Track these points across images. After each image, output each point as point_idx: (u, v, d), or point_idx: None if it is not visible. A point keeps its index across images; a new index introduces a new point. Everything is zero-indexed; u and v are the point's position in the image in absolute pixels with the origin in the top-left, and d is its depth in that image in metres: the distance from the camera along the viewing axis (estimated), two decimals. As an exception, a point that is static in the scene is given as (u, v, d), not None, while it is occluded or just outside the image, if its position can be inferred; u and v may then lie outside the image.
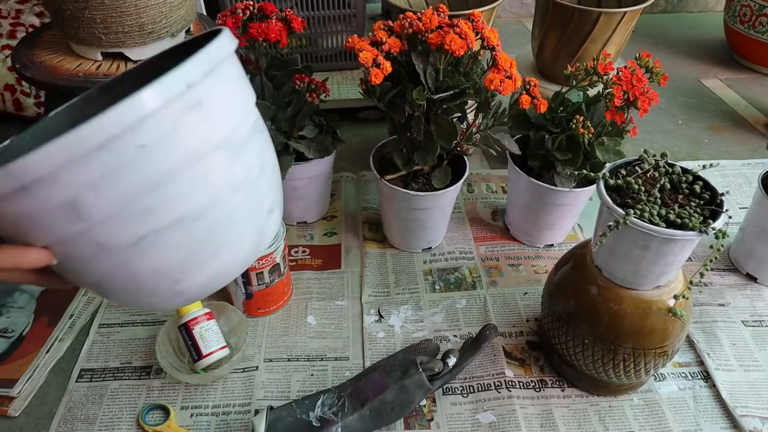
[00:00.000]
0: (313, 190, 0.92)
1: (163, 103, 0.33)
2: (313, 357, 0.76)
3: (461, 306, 0.83)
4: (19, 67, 0.83)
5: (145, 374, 0.74)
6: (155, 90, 0.33)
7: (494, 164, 1.13)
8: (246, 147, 0.40)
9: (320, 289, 0.86)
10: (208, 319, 0.72)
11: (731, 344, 0.77)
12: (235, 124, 0.39)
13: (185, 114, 0.35)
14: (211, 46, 0.36)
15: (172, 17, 0.84)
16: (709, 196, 0.59)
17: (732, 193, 1.05)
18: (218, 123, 0.37)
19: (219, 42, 0.37)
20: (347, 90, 1.21)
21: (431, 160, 0.78)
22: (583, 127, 0.73)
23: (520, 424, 0.67)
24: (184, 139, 0.35)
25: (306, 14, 1.16)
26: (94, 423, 0.68)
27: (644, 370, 0.65)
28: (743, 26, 1.41)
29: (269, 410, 0.64)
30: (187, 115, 0.35)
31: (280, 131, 0.82)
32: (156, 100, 0.33)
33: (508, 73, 0.69)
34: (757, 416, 0.68)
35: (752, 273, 0.86)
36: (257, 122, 0.43)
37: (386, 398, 0.65)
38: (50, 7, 0.81)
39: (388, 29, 0.74)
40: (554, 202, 0.84)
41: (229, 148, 0.38)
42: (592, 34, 0.96)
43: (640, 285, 0.61)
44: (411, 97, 0.70)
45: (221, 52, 0.37)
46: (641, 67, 0.73)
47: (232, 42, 0.40)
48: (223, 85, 0.38)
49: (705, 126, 1.26)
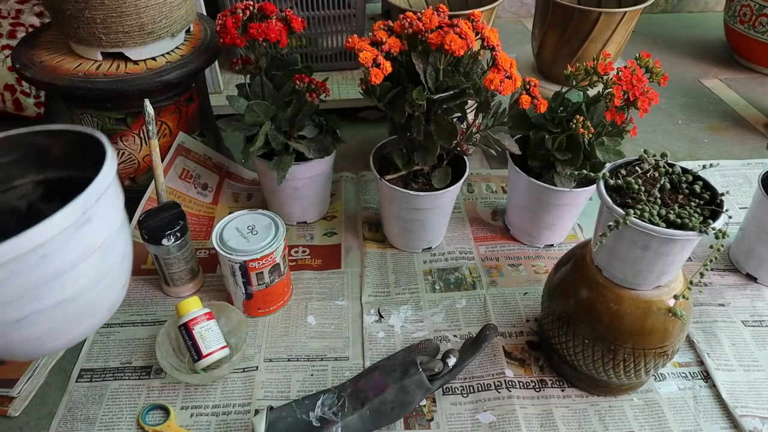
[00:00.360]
0: (313, 190, 0.92)
1: (65, 226, 0.44)
2: (313, 357, 0.76)
3: (461, 306, 0.83)
4: (19, 67, 0.83)
5: (145, 374, 0.74)
6: (62, 215, 0.44)
7: (494, 164, 1.13)
8: (116, 243, 0.52)
9: (320, 289, 0.86)
10: (208, 319, 0.72)
11: (731, 344, 0.77)
12: (111, 227, 0.51)
13: (79, 229, 0.46)
14: (105, 170, 0.49)
15: (172, 17, 0.84)
16: (709, 196, 0.59)
17: (732, 193, 1.05)
18: (101, 230, 0.49)
19: (110, 165, 0.49)
20: (347, 90, 1.21)
21: (431, 160, 0.78)
22: (583, 127, 0.73)
23: (520, 424, 0.67)
24: (76, 247, 0.46)
25: (306, 14, 1.16)
26: (94, 423, 0.68)
27: (644, 370, 0.65)
28: (743, 26, 1.41)
29: (269, 410, 0.64)
30: (80, 230, 0.46)
31: (280, 131, 0.82)
32: (61, 224, 0.44)
33: (508, 73, 0.69)
34: (757, 416, 0.68)
35: (752, 273, 0.86)
36: (124, 219, 0.54)
37: (386, 398, 0.65)
38: (50, 7, 0.81)
39: (388, 29, 0.74)
40: (554, 202, 0.84)
41: (105, 247, 0.50)
42: (592, 34, 0.96)
43: (640, 285, 0.61)
44: (411, 97, 0.70)
45: (111, 174, 0.49)
46: (641, 67, 0.73)
47: (115, 159, 0.52)
48: (108, 199, 0.50)
49: (705, 126, 1.26)
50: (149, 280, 0.86)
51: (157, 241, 0.76)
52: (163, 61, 0.85)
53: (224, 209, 1.00)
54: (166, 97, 0.88)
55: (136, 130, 0.88)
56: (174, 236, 0.77)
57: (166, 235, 0.76)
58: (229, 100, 0.83)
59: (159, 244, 0.76)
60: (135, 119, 0.87)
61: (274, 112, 0.82)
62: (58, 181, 0.61)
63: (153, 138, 0.78)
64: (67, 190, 0.56)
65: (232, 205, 1.01)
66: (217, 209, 1.00)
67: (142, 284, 0.86)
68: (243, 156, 0.83)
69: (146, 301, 0.83)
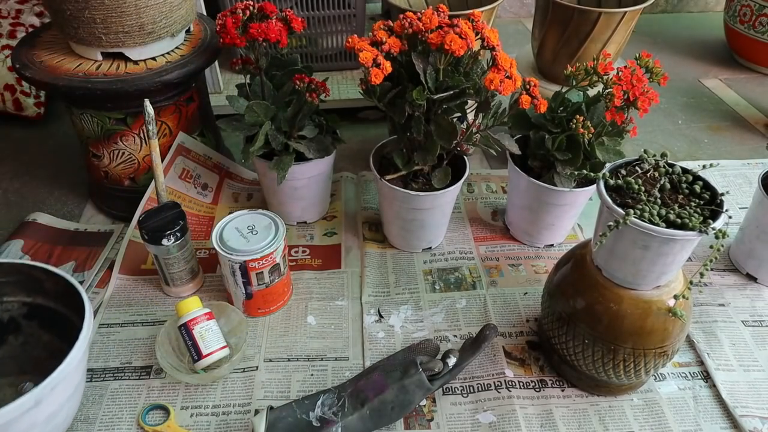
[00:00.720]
0: (313, 190, 0.92)
1: (19, 414, 0.52)
2: (313, 357, 0.76)
3: (461, 306, 0.83)
4: (19, 67, 0.83)
5: (145, 374, 0.74)
6: (13, 407, 0.51)
7: (494, 164, 1.13)
8: (59, 413, 0.58)
9: (320, 289, 0.86)
10: (208, 319, 0.72)
11: (731, 344, 0.77)
12: (58, 406, 0.57)
13: (27, 412, 0.52)
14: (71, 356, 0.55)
15: (172, 17, 0.84)
16: (709, 196, 0.59)
17: (732, 193, 1.05)
18: (46, 409, 0.55)
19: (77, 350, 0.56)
20: (347, 90, 1.21)
21: (431, 160, 0.78)
22: (583, 127, 0.73)
23: (520, 424, 0.67)
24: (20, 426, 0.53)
25: (306, 14, 1.16)
26: (94, 423, 0.68)
27: (644, 370, 0.65)
28: (743, 26, 1.41)
29: (269, 410, 0.64)
30: (29, 413, 0.53)
31: (280, 131, 0.82)
32: (9, 415, 0.51)
33: (508, 73, 0.69)
34: (757, 416, 0.68)
35: (752, 273, 0.86)
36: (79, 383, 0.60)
37: (386, 398, 0.65)
38: (50, 7, 0.81)
39: (388, 29, 0.74)
40: (554, 202, 0.84)
41: (47, 421, 0.56)
42: (592, 34, 0.96)
43: (640, 285, 0.61)
44: (411, 97, 0.70)
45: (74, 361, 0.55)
46: (641, 67, 0.73)
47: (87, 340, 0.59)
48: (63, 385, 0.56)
49: (705, 126, 1.26)
50: (149, 280, 0.86)
51: (157, 241, 0.76)
52: (163, 61, 0.85)
53: (224, 209, 1.00)
54: (166, 97, 0.88)
55: (136, 130, 0.88)
56: (174, 236, 0.77)
57: (166, 235, 0.76)
58: (229, 100, 0.83)
59: (159, 244, 0.76)
60: (135, 119, 0.87)
61: (274, 112, 0.82)
62: (43, 307, 0.68)
63: (153, 138, 0.78)
64: (50, 315, 0.68)
65: (232, 205, 1.01)
66: (217, 209, 1.00)
67: (142, 284, 0.86)
68: (243, 156, 0.83)
69: (146, 301, 0.83)
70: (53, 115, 1.26)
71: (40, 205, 1.02)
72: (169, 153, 0.93)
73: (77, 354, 0.57)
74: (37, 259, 0.88)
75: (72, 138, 1.03)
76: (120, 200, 0.96)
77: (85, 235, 0.95)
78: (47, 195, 1.05)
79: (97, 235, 0.95)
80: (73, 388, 0.59)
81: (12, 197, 1.05)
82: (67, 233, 0.95)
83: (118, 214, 0.97)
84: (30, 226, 0.94)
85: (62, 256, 0.90)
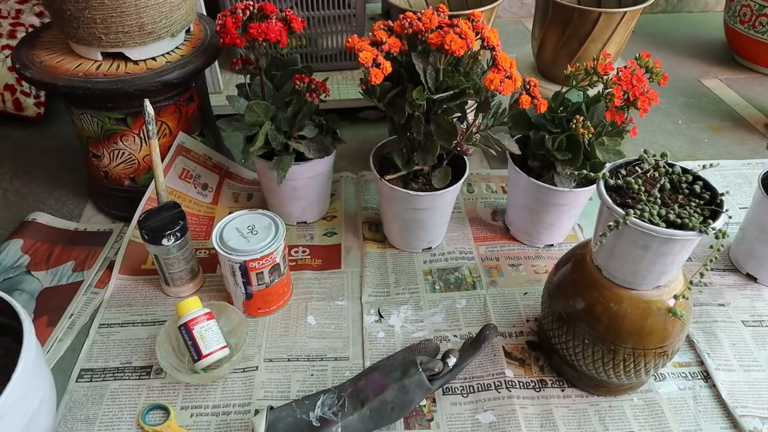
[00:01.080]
0: (313, 190, 0.92)
1: None
2: (313, 357, 0.76)
3: (461, 306, 0.83)
4: (19, 67, 0.83)
5: (145, 374, 0.74)
6: None
7: (494, 164, 1.13)
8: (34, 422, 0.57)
9: (320, 289, 0.86)
10: (208, 319, 0.72)
11: (731, 344, 0.77)
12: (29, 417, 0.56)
13: None
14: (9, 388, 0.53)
15: (172, 17, 0.84)
16: (709, 196, 0.59)
17: (732, 193, 1.05)
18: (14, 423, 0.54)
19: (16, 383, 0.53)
20: (347, 90, 1.21)
21: (431, 160, 0.78)
22: (583, 127, 0.73)
23: (520, 424, 0.67)
24: None
25: (306, 14, 1.16)
26: (94, 423, 0.68)
27: (644, 370, 0.65)
28: (743, 26, 1.41)
29: (269, 410, 0.64)
30: None
31: (280, 131, 0.82)
32: None
33: (508, 73, 0.69)
34: (757, 416, 0.68)
35: (752, 273, 0.86)
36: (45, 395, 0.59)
37: (386, 398, 0.65)
38: (50, 7, 0.81)
39: (388, 29, 0.74)
40: (554, 202, 0.84)
41: None
42: (592, 34, 0.96)
43: (640, 285, 0.61)
44: (411, 97, 0.70)
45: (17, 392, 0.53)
46: (641, 67, 0.73)
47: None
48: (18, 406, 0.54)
49: (705, 126, 1.26)
50: (149, 280, 0.86)
51: (157, 241, 0.76)
52: (163, 61, 0.85)
53: (224, 209, 1.00)
54: (166, 97, 0.88)
55: (136, 130, 0.88)
56: (174, 236, 0.77)
57: (166, 235, 0.76)
58: (229, 100, 0.83)
59: (159, 244, 0.76)
60: (135, 119, 0.87)
61: (274, 112, 0.82)
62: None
63: (153, 138, 0.78)
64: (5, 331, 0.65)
65: (232, 205, 1.01)
66: (217, 209, 1.00)
67: (142, 284, 0.86)
68: (243, 156, 0.83)
69: (146, 301, 0.83)
70: (53, 115, 1.26)
71: (40, 204, 1.02)
72: (169, 153, 0.93)
73: (21, 377, 0.54)
74: (37, 258, 0.88)
75: (72, 138, 1.03)
76: (120, 200, 0.96)
77: (85, 234, 0.95)
78: (47, 195, 1.05)
79: (97, 234, 0.95)
80: (38, 401, 0.57)
81: (12, 197, 1.05)
82: (66, 233, 0.95)
83: (118, 214, 0.97)
84: (30, 225, 0.94)
85: (62, 256, 0.90)
